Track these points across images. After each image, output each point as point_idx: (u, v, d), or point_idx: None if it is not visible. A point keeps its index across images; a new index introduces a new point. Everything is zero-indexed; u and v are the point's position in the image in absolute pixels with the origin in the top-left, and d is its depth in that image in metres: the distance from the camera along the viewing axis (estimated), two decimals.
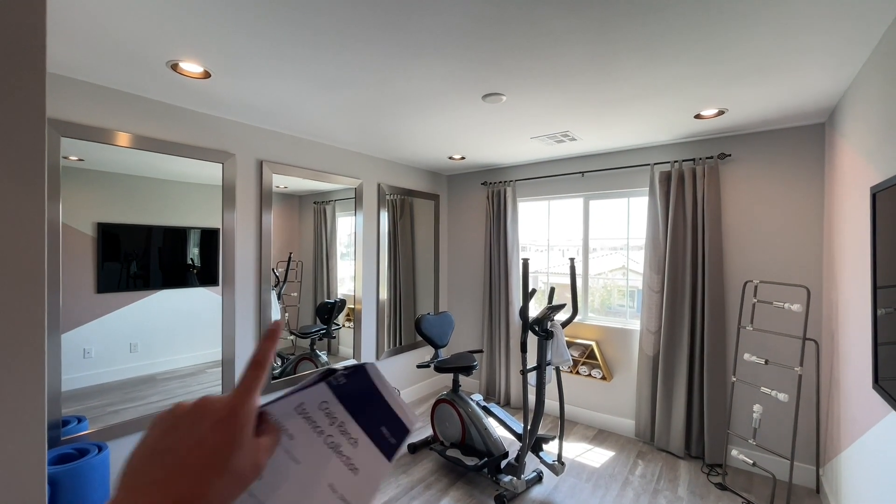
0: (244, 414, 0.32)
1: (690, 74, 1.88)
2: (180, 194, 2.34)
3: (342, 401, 0.37)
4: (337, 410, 0.37)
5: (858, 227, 1.82)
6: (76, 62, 1.78)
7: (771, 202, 2.71)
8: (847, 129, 2.02)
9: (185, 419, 0.31)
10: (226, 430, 0.31)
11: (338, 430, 0.37)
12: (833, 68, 1.81)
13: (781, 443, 2.65)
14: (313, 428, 0.36)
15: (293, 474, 0.35)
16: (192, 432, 0.30)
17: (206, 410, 0.32)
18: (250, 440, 0.32)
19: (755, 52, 1.67)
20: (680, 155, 3.05)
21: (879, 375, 1.47)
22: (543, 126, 2.69)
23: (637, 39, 1.57)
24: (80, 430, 1.97)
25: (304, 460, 0.36)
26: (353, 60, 1.76)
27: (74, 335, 1.99)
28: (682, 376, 2.92)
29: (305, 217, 3.08)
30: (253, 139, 2.69)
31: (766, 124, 2.62)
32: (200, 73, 1.89)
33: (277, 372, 2.88)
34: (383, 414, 0.38)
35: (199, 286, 2.43)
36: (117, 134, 2.08)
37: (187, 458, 0.29)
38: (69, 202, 1.96)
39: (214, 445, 0.30)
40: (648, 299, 3.08)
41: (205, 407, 0.32)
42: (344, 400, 0.37)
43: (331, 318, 3.28)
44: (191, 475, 0.29)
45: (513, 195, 3.84)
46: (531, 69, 1.83)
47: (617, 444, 3.16)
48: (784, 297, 2.62)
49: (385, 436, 0.38)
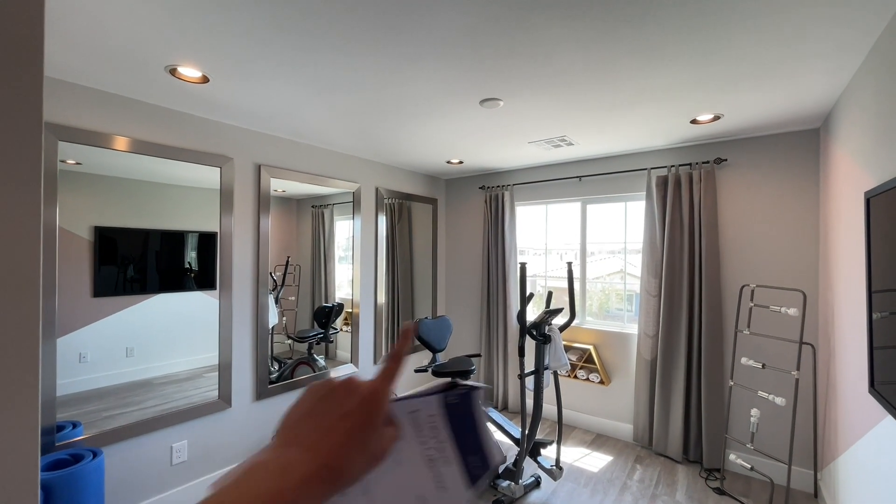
0: (384, 399, 0.35)
1: (686, 80, 1.90)
2: (178, 198, 2.34)
3: (449, 419, 0.39)
4: (441, 426, 0.39)
5: (853, 232, 1.83)
6: (74, 66, 1.79)
7: (767, 206, 2.73)
8: (841, 135, 2.04)
9: (338, 391, 0.35)
10: (369, 409, 0.34)
11: (437, 445, 0.39)
12: (826, 74, 1.83)
13: (779, 447, 2.65)
14: (418, 436, 0.39)
15: (393, 475, 0.37)
16: (342, 404, 0.34)
17: (355, 388, 0.35)
18: (381, 426, 0.35)
19: (749, 59, 1.69)
20: (677, 160, 3.06)
21: (875, 379, 1.48)
22: (541, 131, 2.70)
23: (633, 45, 1.59)
24: (74, 436, 1.96)
25: (405, 465, 0.38)
26: (351, 65, 1.77)
27: (70, 339, 1.98)
28: (679, 380, 2.92)
29: (303, 221, 3.08)
30: (251, 143, 2.69)
31: (761, 129, 2.64)
32: (199, 78, 1.89)
33: (275, 377, 2.86)
34: (474, 444, 0.40)
35: (196, 290, 2.42)
36: (115, 138, 2.08)
37: (336, 426, 0.32)
38: (66, 206, 1.95)
39: (359, 421, 0.33)
40: (646, 303, 3.08)
41: (354, 385, 0.35)
42: (450, 419, 0.39)
43: (328, 322, 3.28)
44: (336, 443, 0.32)
45: (511, 199, 3.85)
46: (528, 74, 1.85)
47: (615, 449, 3.15)
48: (781, 301, 2.63)
49: (471, 465, 0.40)
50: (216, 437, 2.51)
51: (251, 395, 2.70)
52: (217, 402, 2.49)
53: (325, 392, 0.35)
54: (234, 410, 2.60)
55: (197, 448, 2.42)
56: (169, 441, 2.30)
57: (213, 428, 2.50)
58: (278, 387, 2.86)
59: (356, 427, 0.33)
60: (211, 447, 2.49)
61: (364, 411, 0.33)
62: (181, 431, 2.35)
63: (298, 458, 0.30)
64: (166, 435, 2.29)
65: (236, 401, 2.61)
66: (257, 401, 2.73)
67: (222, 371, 2.52)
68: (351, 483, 0.32)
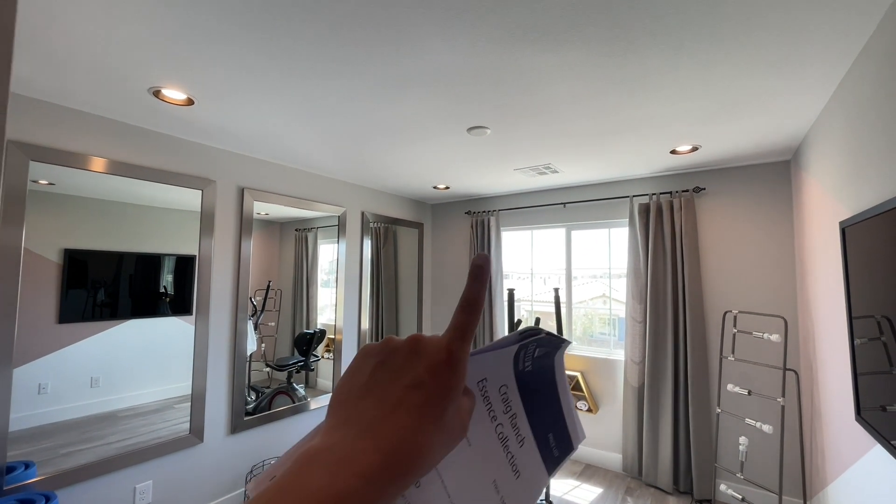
0: (463, 361, 0.27)
1: (666, 112, 1.97)
2: (156, 220, 2.26)
3: (521, 390, 0.32)
4: (514, 399, 0.32)
5: (829, 259, 1.88)
6: (51, 85, 1.74)
7: (745, 234, 2.81)
8: (812, 167, 2.13)
9: (398, 355, 0.27)
10: (445, 375, 0.26)
11: (509, 420, 0.32)
12: (795, 110, 1.92)
13: (769, 476, 2.62)
14: (489, 411, 0.31)
15: (464, 458, 0.30)
16: (409, 370, 0.26)
17: (422, 349, 0.27)
18: (460, 395, 0.27)
19: (724, 93, 1.77)
20: (658, 188, 3.15)
21: (861, 407, 1.48)
22: (526, 158, 2.75)
23: (616, 78, 1.64)
24: (26, 478, 1.79)
25: (476, 445, 0.31)
26: (339, 91, 1.77)
27: (29, 369, 1.84)
28: (667, 407, 2.90)
29: (286, 244, 3.02)
30: (235, 166, 2.65)
31: (736, 160, 2.75)
32: (184, 101, 1.87)
33: (251, 407, 2.72)
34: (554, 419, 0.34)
35: (171, 315, 2.31)
36: (92, 159, 2.02)
37: (404, 400, 0.25)
38: (35, 227, 1.86)
39: (433, 392, 0.26)
40: (632, 329, 3.09)
41: (421, 344, 0.28)
42: (523, 390, 0.33)
43: (309, 350, 3.16)
44: (405, 424, 0.25)
45: (496, 224, 3.88)
46: (515, 104, 1.89)
47: (605, 480, 3.07)
48: (763, 328, 2.67)
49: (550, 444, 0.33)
50: (185, 476, 2.34)
51: (225, 428, 2.55)
52: (187, 436, 2.34)
53: (385, 355, 0.28)
54: (206, 446, 2.44)
55: (163, 489, 2.25)
56: (132, 481, 2.13)
57: (181, 465, 2.33)
58: (255, 419, 2.71)
59: (430, 400, 0.25)
60: (179, 487, 2.31)
61: (440, 376, 0.26)
62: (146, 470, 2.19)
63: (360, 445, 0.23)
64: (129, 475, 2.12)
65: (209, 435, 2.46)
66: (232, 434, 2.58)
67: (195, 402, 2.38)
68: (426, 472, 0.25)
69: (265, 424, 2.79)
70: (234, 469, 2.58)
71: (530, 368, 0.33)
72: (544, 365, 0.34)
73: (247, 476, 2.60)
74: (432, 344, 0.28)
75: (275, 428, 2.85)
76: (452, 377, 0.27)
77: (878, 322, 1.29)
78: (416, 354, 0.27)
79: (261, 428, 2.76)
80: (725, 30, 1.32)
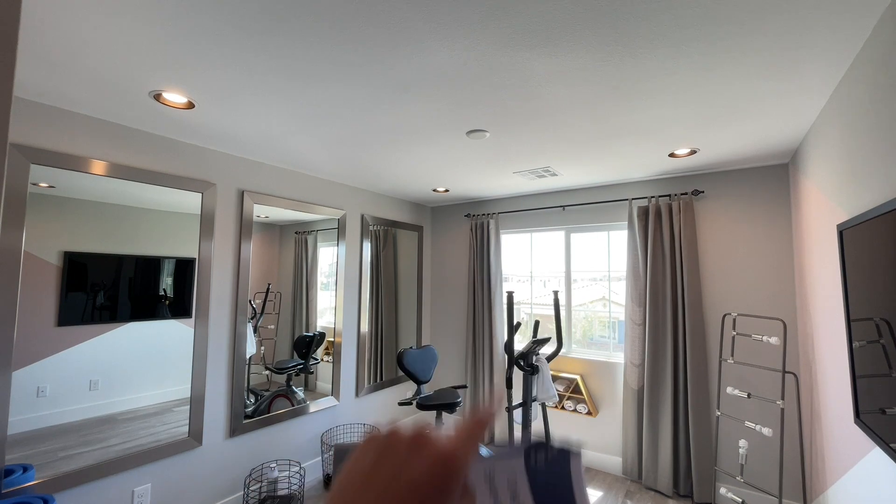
0: (464, 465, 0.28)
1: (664, 116, 1.98)
2: (155, 223, 2.27)
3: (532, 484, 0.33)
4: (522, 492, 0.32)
5: (827, 262, 1.89)
6: (52, 88, 1.75)
7: (743, 237, 2.82)
8: (810, 170, 2.14)
9: (400, 449, 0.28)
10: (445, 476, 0.27)
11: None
12: (793, 112, 1.93)
13: (769, 479, 2.62)
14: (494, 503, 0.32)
15: None
16: (410, 468, 0.27)
17: (425, 446, 0.28)
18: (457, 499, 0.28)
19: (721, 97, 1.78)
20: (656, 191, 3.16)
21: (861, 409, 1.48)
22: (525, 161, 2.76)
23: (615, 82, 1.65)
24: (24, 481, 1.79)
25: None
26: (339, 94, 1.78)
27: (28, 372, 1.84)
28: (667, 410, 2.90)
29: (286, 247, 3.02)
30: (235, 169, 2.66)
31: (735, 163, 2.76)
32: (184, 104, 1.88)
33: (250, 410, 2.71)
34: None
35: (170, 318, 2.31)
36: (93, 162, 2.02)
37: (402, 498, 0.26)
38: (35, 230, 1.87)
39: (431, 493, 0.26)
40: (631, 332, 3.09)
41: (425, 441, 0.28)
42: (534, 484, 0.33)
43: (309, 353, 3.16)
44: None
45: (496, 227, 3.88)
46: (515, 108, 1.90)
47: (605, 483, 3.06)
48: (762, 330, 2.67)
49: None
50: (184, 480, 2.33)
51: (224, 431, 2.54)
52: (186, 440, 2.33)
53: (386, 449, 0.28)
54: (205, 449, 2.44)
55: (162, 492, 2.24)
56: (130, 485, 2.13)
57: (180, 469, 2.32)
58: (254, 422, 2.70)
59: (427, 498, 0.26)
60: (177, 491, 2.31)
61: (438, 480, 0.27)
62: (144, 473, 2.18)
63: None
64: (127, 478, 2.12)
65: (207, 438, 2.45)
66: (231, 437, 2.57)
67: (194, 405, 2.37)
68: None
69: (264, 427, 2.78)
70: (233, 472, 2.58)
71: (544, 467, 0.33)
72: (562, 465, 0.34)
73: (245, 479, 2.59)
74: (437, 443, 0.28)
75: (274, 431, 2.84)
76: (452, 478, 0.27)
77: (876, 325, 1.30)
78: (419, 452, 0.28)
79: (260, 431, 2.75)
80: (722, 33, 1.33)
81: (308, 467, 3.06)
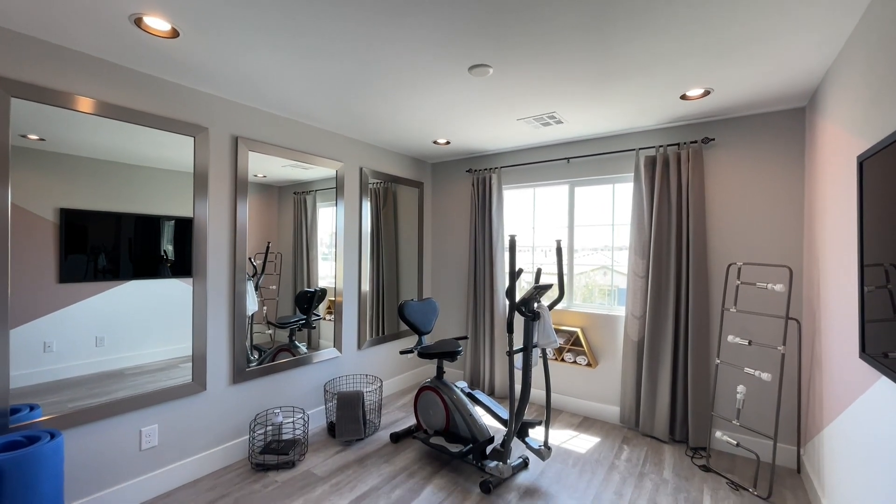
0: None
1: (678, 48, 1.86)
2: (152, 181, 2.21)
3: None
4: None
5: (841, 204, 1.83)
6: (27, 12, 1.63)
7: (753, 185, 2.74)
8: (829, 108, 2.04)
9: None
10: None
11: None
12: (817, 42, 1.81)
13: (765, 423, 2.67)
14: None
15: None
16: None
17: None
18: None
19: (740, 24, 1.65)
20: (665, 140, 3.05)
21: (867, 345, 1.46)
22: (530, 106, 2.64)
23: (626, 7, 1.53)
24: (31, 418, 1.82)
25: None
26: (332, 26, 1.66)
27: (32, 327, 1.83)
28: (666, 360, 2.92)
29: (285, 208, 2.96)
30: (228, 113, 2.55)
31: (749, 108, 2.64)
32: (168, 32, 1.76)
33: (254, 365, 2.74)
34: None
35: (172, 277, 2.29)
36: (77, 98, 1.93)
37: None
38: (29, 185, 1.82)
39: None
40: (633, 284, 3.07)
41: None
42: None
43: (310, 308, 3.16)
44: None
45: (498, 182, 3.79)
46: (520, 35, 1.78)
47: (602, 431, 3.13)
48: (767, 278, 2.65)
49: None
50: (189, 422, 2.38)
51: (228, 378, 2.58)
52: (190, 384, 2.36)
53: None
54: (209, 394, 2.47)
55: (168, 433, 2.29)
56: (138, 425, 2.17)
57: (186, 411, 2.37)
58: (257, 370, 2.73)
59: None
60: (184, 432, 2.36)
61: None
62: (151, 415, 2.22)
63: None
64: (135, 418, 2.16)
65: (211, 384, 2.49)
66: (235, 384, 2.61)
67: (196, 362, 2.39)
68: None
69: (268, 376, 2.82)
70: (238, 417, 2.63)
71: None
72: None
73: (250, 423, 2.65)
74: None
75: (278, 379, 2.88)
76: None
77: (885, 271, 1.25)
78: None
79: (264, 379, 2.79)
80: None
81: (312, 415, 3.12)
